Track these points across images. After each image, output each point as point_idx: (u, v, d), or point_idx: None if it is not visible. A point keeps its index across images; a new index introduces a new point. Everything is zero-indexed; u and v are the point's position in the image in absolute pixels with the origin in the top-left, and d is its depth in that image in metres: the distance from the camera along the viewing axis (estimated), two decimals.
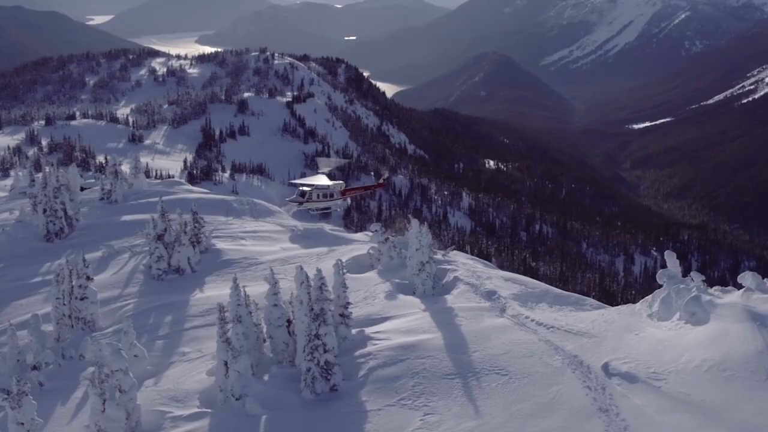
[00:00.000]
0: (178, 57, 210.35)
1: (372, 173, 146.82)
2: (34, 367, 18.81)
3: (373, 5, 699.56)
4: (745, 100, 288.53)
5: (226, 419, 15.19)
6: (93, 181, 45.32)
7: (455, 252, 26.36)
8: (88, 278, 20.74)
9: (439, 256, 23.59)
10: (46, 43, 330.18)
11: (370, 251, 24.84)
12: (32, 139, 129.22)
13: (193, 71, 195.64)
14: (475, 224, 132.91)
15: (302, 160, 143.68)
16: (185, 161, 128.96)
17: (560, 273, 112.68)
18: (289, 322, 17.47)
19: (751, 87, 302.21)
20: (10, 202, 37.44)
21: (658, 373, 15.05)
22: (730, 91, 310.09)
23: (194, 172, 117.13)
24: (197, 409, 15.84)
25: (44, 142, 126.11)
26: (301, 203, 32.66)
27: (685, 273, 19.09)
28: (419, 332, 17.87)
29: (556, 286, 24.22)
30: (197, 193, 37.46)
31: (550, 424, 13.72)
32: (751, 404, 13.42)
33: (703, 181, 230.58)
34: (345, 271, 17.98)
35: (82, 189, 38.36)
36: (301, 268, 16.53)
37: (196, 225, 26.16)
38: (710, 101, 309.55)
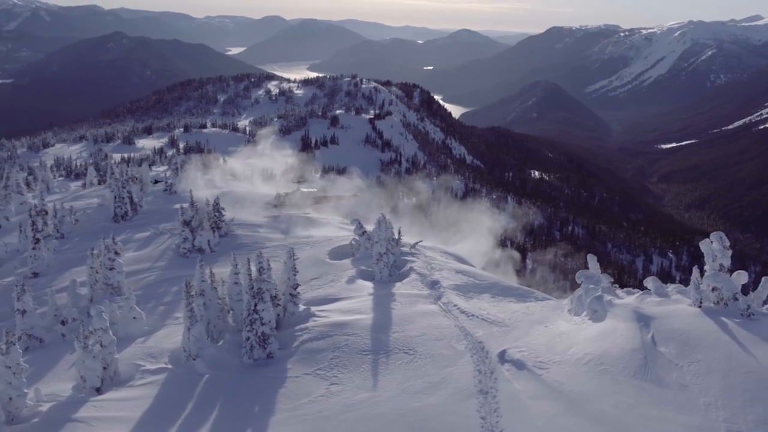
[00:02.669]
0: (288, 81, 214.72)
1: (434, 178, 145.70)
2: (63, 322, 18.97)
3: (448, 42, 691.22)
4: (762, 126, 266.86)
5: (179, 375, 14.75)
6: (164, 175, 46.09)
7: (433, 246, 24.78)
8: (116, 253, 20.79)
9: (406, 248, 22.30)
10: (194, 68, 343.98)
11: (352, 242, 23.84)
12: (172, 143, 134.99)
13: (298, 92, 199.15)
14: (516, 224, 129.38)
15: (378, 166, 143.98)
16: (286, 163, 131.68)
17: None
18: None
19: None
20: (103, 190, 38.64)
21: (544, 363, 13.43)
22: (749, 118, 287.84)
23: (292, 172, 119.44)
24: (164, 365, 15.48)
25: (181, 145, 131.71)
26: (275, 206, 31.46)
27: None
28: (355, 313, 16.84)
29: None
30: (240, 188, 37.47)
31: (432, 401, 12.48)
32: (612, 397, 11.76)
33: (720, 195, 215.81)
34: (296, 257, 17.15)
35: (156, 182, 39.08)
36: (261, 253, 15.84)
37: (216, 213, 26.00)
38: (731, 126, 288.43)
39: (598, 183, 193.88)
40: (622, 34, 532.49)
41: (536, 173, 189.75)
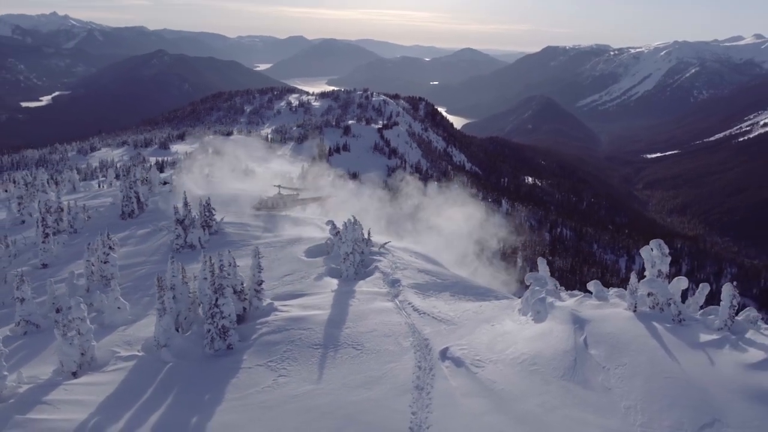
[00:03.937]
0: (307, 93, 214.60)
1: (436, 182, 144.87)
2: (57, 310, 18.51)
3: (452, 59, 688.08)
4: (741, 139, 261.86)
5: (146, 362, 14.15)
6: (170, 177, 45.52)
7: (404, 247, 23.89)
8: (111, 248, 20.30)
9: (375, 248, 21.47)
10: (226, 82, 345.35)
11: (327, 241, 23.10)
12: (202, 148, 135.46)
13: (316, 104, 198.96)
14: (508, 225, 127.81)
15: (386, 171, 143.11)
16: (302, 167, 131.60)
17: (571, 266, 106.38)
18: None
19: (747, 128, 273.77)
20: (116, 190, 38.15)
21: (481, 361, 12.55)
22: (729, 130, 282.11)
23: (308, 176, 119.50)
24: (136, 353, 14.91)
25: (210, 150, 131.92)
26: (258, 209, 30.55)
27: (676, 275, 15.44)
28: (314, 308, 16.01)
29: (567, 277, 20.76)
30: (238, 188, 36.70)
31: (370, 395, 11.73)
32: (539, 397, 10.95)
33: (701, 202, 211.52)
34: (261, 255, 16.48)
35: (165, 183, 38.62)
36: (228, 251, 15.22)
37: (206, 213, 25.43)
38: (712, 138, 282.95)
39: (586, 189, 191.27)
40: (612, 53, 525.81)
41: (530, 179, 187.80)
